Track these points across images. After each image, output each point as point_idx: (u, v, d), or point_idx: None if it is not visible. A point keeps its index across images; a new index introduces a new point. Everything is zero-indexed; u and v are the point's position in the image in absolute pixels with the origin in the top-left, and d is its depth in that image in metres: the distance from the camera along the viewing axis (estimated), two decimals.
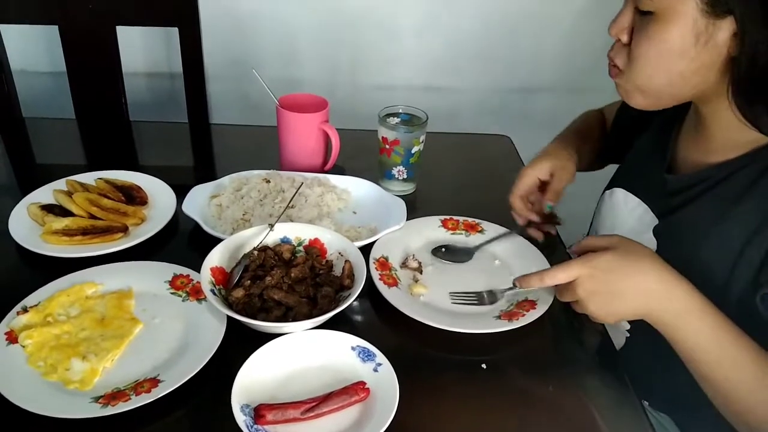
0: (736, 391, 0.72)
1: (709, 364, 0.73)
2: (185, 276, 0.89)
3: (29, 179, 1.18)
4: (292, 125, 1.14)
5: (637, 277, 0.74)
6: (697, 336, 0.72)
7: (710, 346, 0.72)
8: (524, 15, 1.76)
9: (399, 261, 0.97)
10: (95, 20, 1.39)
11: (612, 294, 0.75)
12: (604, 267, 0.74)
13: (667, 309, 0.73)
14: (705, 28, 0.69)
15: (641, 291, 0.74)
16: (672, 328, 0.73)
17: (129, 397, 0.71)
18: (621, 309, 0.75)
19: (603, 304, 0.75)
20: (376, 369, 0.76)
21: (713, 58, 0.71)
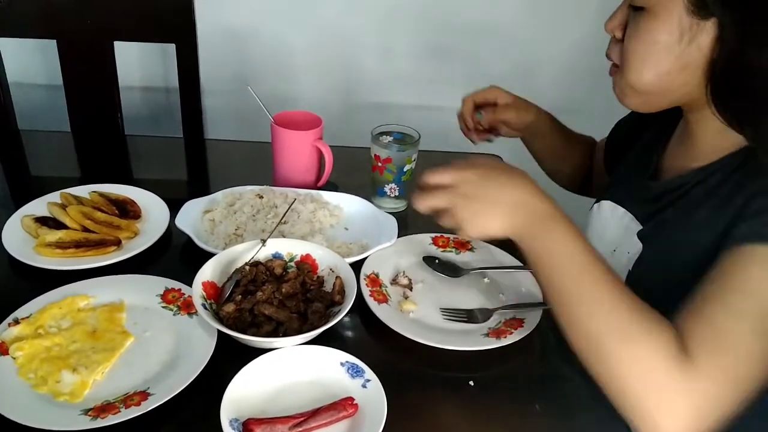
0: (575, 298, 0.72)
1: (558, 270, 0.74)
2: (177, 290, 0.90)
3: (23, 191, 1.18)
4: (286, 142, 1.15)
5: (510, 189, 0.77)
6: (553, 245, 0.74)
7: (564, 255, 0.73)
8: (518, 35, 1.79)
9: (389, 278, 0.98)
10: (93, 35, 1.41)
11: (484, 201, 0.76)
12: (482, 174, 0.78)
13: (532, 220, 0.75)
14: (689, 27, 0.72)
15: (512, 201, 0.76)
16: (531, 238, 0.75)
17: (119, 410, 0.71)
18: (489, 218, 0.76)
19: (473, 212, 0.76)
20: (365, 385, 0.76)
21: (697, 59, 0.74)
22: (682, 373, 0.65)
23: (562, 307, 0.74)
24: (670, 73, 0.76)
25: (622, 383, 0.68)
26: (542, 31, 1.77)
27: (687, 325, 0.68)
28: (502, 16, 1.76)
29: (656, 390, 0.66)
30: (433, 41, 1.80)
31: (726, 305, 0.68)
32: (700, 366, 0.65)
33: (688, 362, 0.65)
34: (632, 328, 0.68)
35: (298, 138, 1.14)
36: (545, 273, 0.75)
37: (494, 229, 0.77)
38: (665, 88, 0.79)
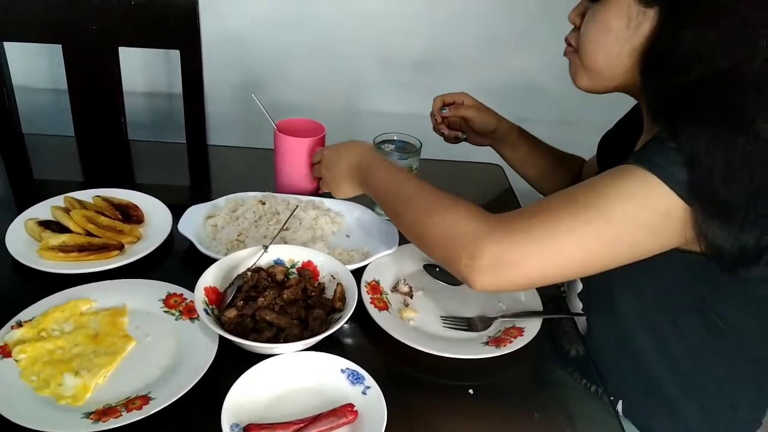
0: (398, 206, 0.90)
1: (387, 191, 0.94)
2: (179, 295, 0.90)
3: (27, 195, 1.19)
4: (289, 149, 1.16)
5: (346, 158, 1.03)
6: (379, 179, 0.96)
7: (388, 180, 0.94)
8: (518, 46, 1.80)
9: (390, 285, 0.99)
10: (98, 40, 1.42)
11: (334, 172, 1.04)
12: (332, 151, 1.06)
13: (365, 173, 0.99)
14: (636, 14, 0.78)
15: (351, 165, 1.02)
16: (366, 183, 0.99)
17: (120, 414, 0.72)
18: (341, 183, 1.04)
19: (331, 181, 1.05)
20: (365, 392, 0.77)
21: (640, 46, 0.79)
22: (482, 225, 0.77)
23: (395, 216, 0.92)
24: (618, 56, 0.81)
25: (437, 245, 0.82)
26: (543, 42, 1.78)
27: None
28: (502, 27, 1.77)
29: (459, 238, 0.78)
30: (434, 50, 1.81)
31: (569, 195, 0.76)
32: (508, 223, 0.76)
33: (494, 220, 0.77)
34: (436, 206, 0.83)
35: (300, 145, 1.15)
36: (381, 201, 0.96)
37: (346, 190, 1.04)
38: (614, 71, 0.84)
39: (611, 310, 0.91)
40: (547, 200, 0.78)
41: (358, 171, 1.00)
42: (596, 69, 0.85)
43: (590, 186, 0.75)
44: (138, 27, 1.43)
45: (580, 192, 0.75)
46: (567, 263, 0.75)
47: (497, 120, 1.23)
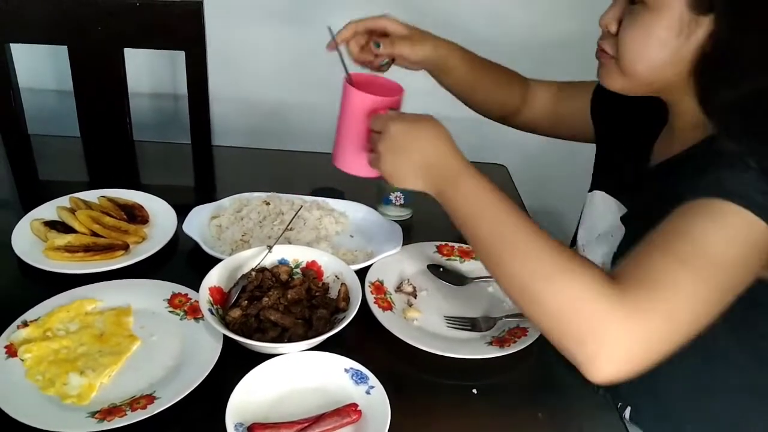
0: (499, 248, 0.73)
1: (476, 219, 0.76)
2: (183, 295, 0.91)
3: (33, 195, 1.20)
4: (351, 106, 0.89)
5: (428, 147, 0.80)
6: (467, 197, 0.77)
7: (479, 205, 0.76)
8: (521, 47, 1.80)
9: (394, 285, 0.99)
10: (104, 42, 1.42)
11: (403, 156, 0.81)
12: (404, 129, 0.81)
13: (444, 177, 0.79)
14: (688, 23, 0.74)
15: (427, 161, 0.80)
16: (445, 195, 0.79)
17: (125, 413, 0.72)
18: (407, 173, 0.82)
19: (393, 164, 0.82)
20: (369, 391, 0.77)
21: (690, 53, 0.76)
22: (613, 303, 0.65)
23: (488, 257, 0.75)
24: (663, 66, 0.78)
25: (555, 319, 0.68)
26: (548, 40, 1.78)
27: (625, 268, 0.69)
28: (508, 26, 1.77)
29: (588, 320, 0.65)
30: None
31: (667, 249, 0.68)
32: (633, 299, 0.65)
33: (620, 295, 0.65)
34: (557, 267, 0.69)
35: (363, 103, 0.88)
36: (467, 228, 0.77)
37: (410, 184, 0.83)
38: (655, 78, 0.81)
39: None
40: (651, 261, 0.68)
41: (434, 173, 0.80)
42: (636, 76, 0.81)
43: (687, 236, 0.68)
44: (143, 28, 1.43)
45: (680, 245, 0.68)
46: (687, 330, 0.67)
47: (432, 46, 1.06)
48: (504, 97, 1.17)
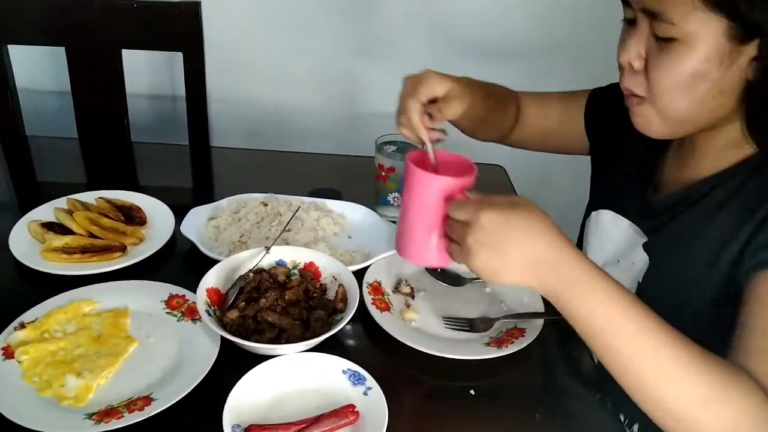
0: (638, 361, 0.66)
1: (605, 330, 0.66)
2: (181, 296, 0.91)
3: (30, 197, 1.20)
4: (417, 188, 0.77)
5: (529, 239, 0.67)
6: (588, 300, 0.66)
7: (605, 310, 0.66)
8: (521, 47, 1.80)
9: (392, 286, 0.99)
10: (101, 43, 1.42)
11: (500, 252, 0.67)
12: (498, 220, 0.67)
13: (555, 274, 0.67)
14: (729, 53, 0.70)
15: (530, 256, 0.67)
16: (560, 296, 0.67)
17: (122, 415, 0.72)
18: (506, 271, 0.68)
19: (489, 260, 0.68)
20: (366, 393, 0.77)
21: (732, 83, 0.73)
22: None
23: (624, 375, 0.67)
24: (704, 100, 0.74)
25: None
26: (547, 42, 1.78)
27: (760, 367, 0.65)
28: (507, 27, 1.77)
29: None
30: (437, 52, 1.81)
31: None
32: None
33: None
34: (713, 389, 0.63)
35: (431, 185, 0.75)
36: (593, 342, 0.68)
37: (510, 282, 0.69)
38: (698, 115, 0.76)
39: None
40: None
41: (543, 272, 0.67)
42: (678, 117, 0.76)
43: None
44: (141, 29, 1.43)
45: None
46: None
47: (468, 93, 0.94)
48: (504, 122, 1.13)
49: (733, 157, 0.80)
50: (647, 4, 0.73)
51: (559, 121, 1.12)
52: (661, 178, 0.92)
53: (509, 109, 1.12)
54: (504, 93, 1.12)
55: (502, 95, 1.11)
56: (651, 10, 0.73)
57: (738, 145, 0.79)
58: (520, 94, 1.15)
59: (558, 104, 1.12)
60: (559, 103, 1.12)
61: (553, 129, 1.13)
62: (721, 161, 0.81)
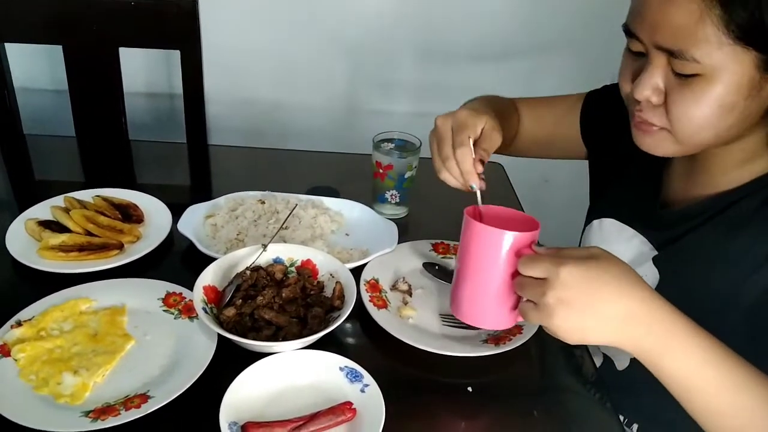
0: (740, 420, 0.65)
1: (703, 391, 0.65)
2: (178, 294, 0.90)
3: (28, 195, 1.19)
4: (484, 245, 0.73)
5: (618, 295, 0.63)
6: (686, 360, 0.64)
7: (702, 369, 0.64)
8: (518, 44, 1.80)
9: (389, 283, 0.98)
10: (98, 41, 1.42)
11: (587, 310, 0.63)
12: (584, 276, 0.63)
13: (650, 333, 0.64)
14: (758, 82, 0.68)
15: (622, 313, 0.63)
16: (656, 355, 0.65)
17: (119, 412, 0.72)
18: (593, 330, 0.64)
19: (572, 320, 0.63)
20: (363, 390, 0.77)
21: (759, 107, 0.71)
22: None
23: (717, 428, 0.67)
24: (730, 128, 0.72)
25: None
26: (542, 39, 1.78)
27: None
28: (503, 24, 1.77)
29: None
30: (434, 49, 1.81)
31: None
32: None
33: None
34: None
35: (500, 241, 0.71)
36: (682, 393, 0.66)
37: (598, 341, 0.66)
38: (720, 140, 0.74)
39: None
40: None
41: (631, 328, 0.64)
42: (696, 144, 0.74)
43: None
44: (138, 27, 1.43)
45: None
46: None
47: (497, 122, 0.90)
48: (510, 137, 1.09)
49: (747, 173, 0.78)
50: (662, 43, 0.69)
51: (554, 126, 1.10)
52: (668, 189, 0.89)
53: (513, 122, 1.10)
54: (507, 106, 1.09)
55: (507, 109, 1.09)
56: (668, 49, 0.69)
57: (752, 160, 0.77)
58: (517, 103, 1.12)
59: (553, 109, 1.10)
60: (554, 108, 1.10)
61: (549, 135, 1.11)
62: (735, 176, 0.79)
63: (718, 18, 0.64)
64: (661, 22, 0.68)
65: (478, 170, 0.83)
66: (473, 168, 0.83)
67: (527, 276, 0.66)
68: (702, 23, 0.65)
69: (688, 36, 0.66)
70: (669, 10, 0.67)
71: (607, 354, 0.97)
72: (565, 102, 1.09)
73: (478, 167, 0.83)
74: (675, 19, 0.67)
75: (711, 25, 0.65)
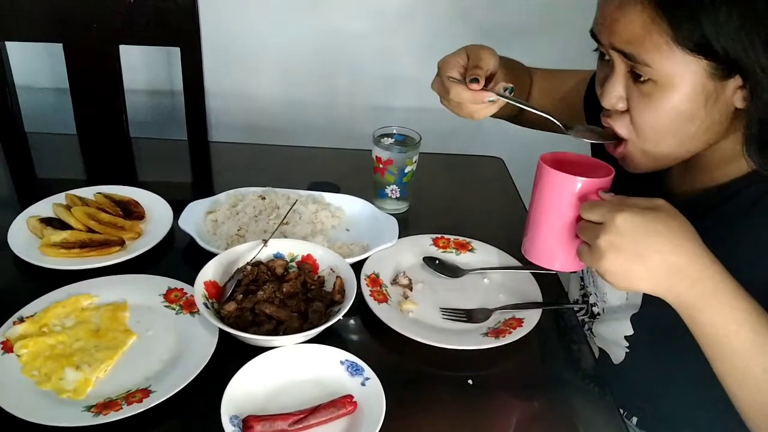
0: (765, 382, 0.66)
1: (738, 353, 0.66)
2: (179, 289, 0.91)
3: (29, 193, 1.20)
4: (553, 190, 0.75)
5: (670, 247, 0.65)
6: (726, 320, 0.65)
7: (741, 332, 0.65)
8: (521, 36, 1.79)
9: (390, 278, 0.99)
10: (99, 39, 1.42)
11: (636, 257, 0.65)
12: (639, 224, 0.65)
13: (695, 287, 0.65)
14: (713, 90, 0.69)
15: (671, 265, 0.65)
16: (696, 310, 0.66)
17: (121, 407, 0.72)
18: (639, 277, 0.66)
19: (621, 265, 0.65)
20: (364, 383, 0.77)
21: (722, 114, 0.71)
22: None
23: (745, 394, 0.68)
24: (694, 137, 0.73)
25: None
26: (546, 32, 1.77)
27: None
28: (505, 19, 1.77)
29: None
30: (434, 44, 1.81)
31: None
32: None
33: None
34: None
35: (570, 186, 0.73)
36: (716, 351, 0.68)
37: (642, 288, 0.68)
38: (687, 150, 0.75)
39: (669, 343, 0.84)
40: None
41: (676, 279, 0.66)
42: (663, 154, 0.76)
43: None
44: (138, 25, 1.43)
45: None
46: None
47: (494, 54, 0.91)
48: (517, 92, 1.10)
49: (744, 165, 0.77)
50: (617, 44, 0.71)
51: (560, 101, 1.10)
52: (668, 182, 0.90)
53: (523, 82, 1.10)
54: (520, 66, 1.11)
55: (519, 68, 1.10)
56: (622, 51, 0.71)
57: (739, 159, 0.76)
58: (531, 70, 1.13)
59: (561, 83, 1.10)
60: (562, 82, 1.10)
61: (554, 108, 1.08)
62: (732, 169, 0.79)
63: (665, 31, 0.66)
64: (615, 28, 0.71)
65: (478, 89, 0.83)
66: (475, 93, 0.83)
67: (588, 220, 0.69)
68: (651, 34, 0.67)
69: (639, 44, 0.69)
70: (621, 18, 0.70)
71: (603, 348, 0.98)
72: (574, 77, 1.09)
73: (476, 87, 0.83)
74: (627, 28, 0.69)
75: (659, 35, 0.67)
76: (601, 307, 0.97)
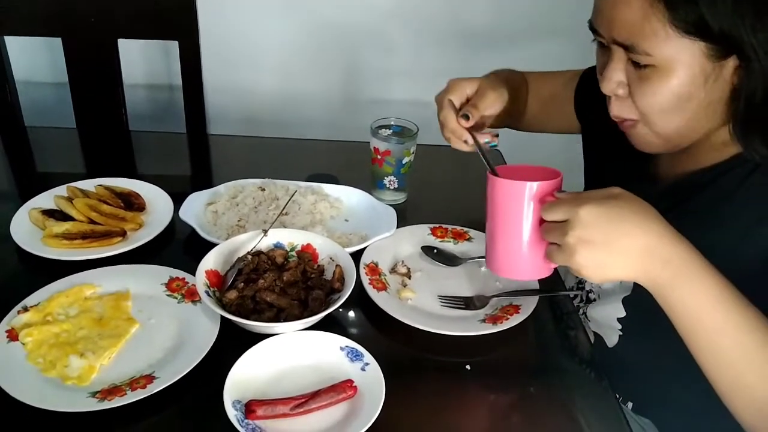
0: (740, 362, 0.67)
1: (709, 329, 0.67)
2: (181, 279, 0.92)
3: (31, 186, 1.20)
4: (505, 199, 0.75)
5: (638, 231, 0.66)
6: (697, 297, 0.66)
7: (712, 308, 0.66)
8: (518, 31, 1.81)
9: (388, 267, 1.00)
10: (97, 33, 1.43)
11: (606, 246, 0.65)
12: (603, 214, 0.65)
13: (666, 268, 0.66)
14: (712, 70, 0.71)
15: (641, 247, 0.66)
16: (669, 289, 0.67)
17: (125, 393, 0.73)
18: (613, 266, 0.66)
19: (594, 257, 0.66)
20: (364, 368, 0.78)
21: (722, 92, 0.74)
22: None
23: (723, 373, 0.68)
24: (697, 115, 0.75)
25: None
26: (543, 25, 1.78)
27: None
28: (503, 12, 1.78)
29: None
30: (432, 36, 1.82)
31: None
32: None
33: None
34: None
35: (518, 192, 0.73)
36: (689, 329, 0.68)
37: (619, 276, 0.69)
38: (693, 129, 0.77)
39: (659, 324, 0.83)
40: None
41: (647, 261, 0.66)
42: (672, 133, 0.78)
43: None
44: (136, 19, 1.44)
45: None
46: None
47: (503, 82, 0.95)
48: (521, 109, 1.14)
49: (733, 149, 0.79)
50: (617, 38, 0.74)
51: (551, 100, 1.12)
52: (657, 166, 0.91)
53: (523, 94, 1.13)
54: (517, 78, 1.13)
55: (518, 81, 1.12)
56: (623, 44, 0.73)
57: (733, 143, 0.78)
58: (526, 75, 1.16)
59: (551, 83, 1.13)
60: (552, 83, 1.13)
61: (546, 108, 1.14)
62: (718, 155, 0.81)
63: (662, 14, 0.68)
64: (614, 18, 0.73)
65: (464, 125, 0.87)
66: (458, 126, 0.88)
67: (551, 221, 0.69)
68: (649, 19, 0.69)
69: (638, 31, 0.71)
70: (619, 7, 0.72)
71: (597, 332, 0.99)
72: (563, 77, 1.11)
73: (462, 123, 0.87)
74: (625, 16, 0.71)
75: (657, 20, 0.69)
76: (597, 293, 0.99)
